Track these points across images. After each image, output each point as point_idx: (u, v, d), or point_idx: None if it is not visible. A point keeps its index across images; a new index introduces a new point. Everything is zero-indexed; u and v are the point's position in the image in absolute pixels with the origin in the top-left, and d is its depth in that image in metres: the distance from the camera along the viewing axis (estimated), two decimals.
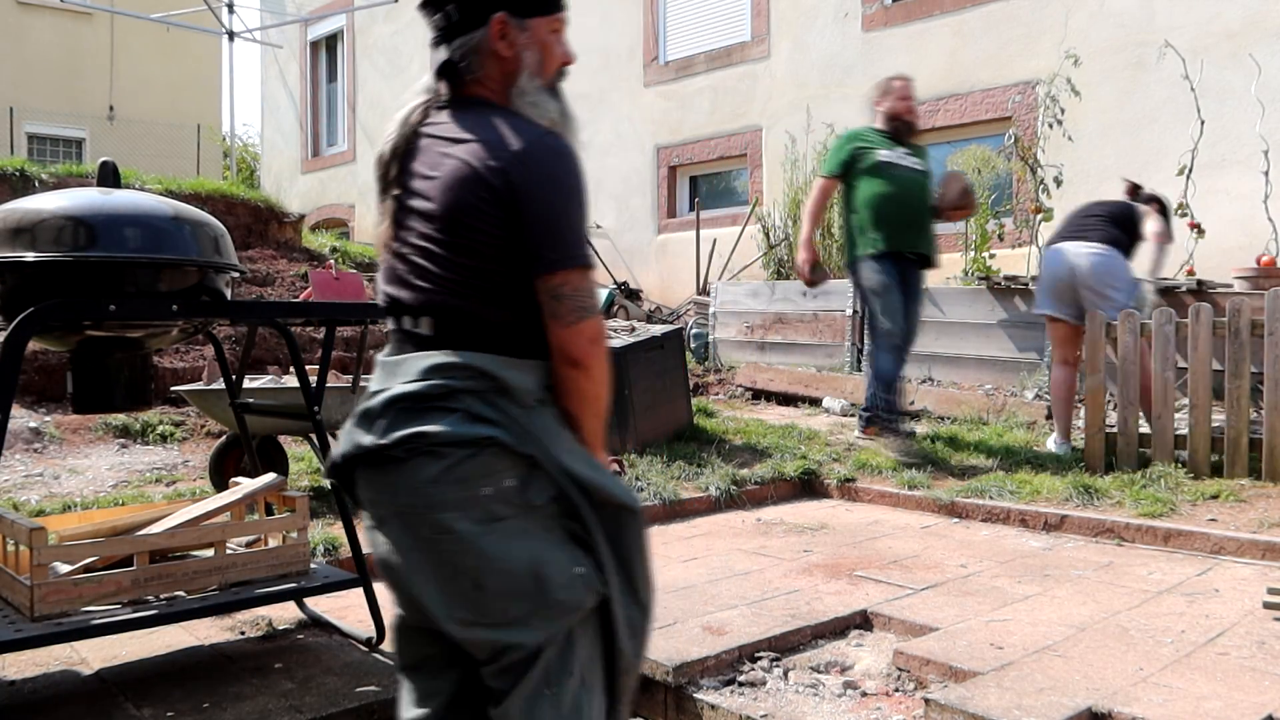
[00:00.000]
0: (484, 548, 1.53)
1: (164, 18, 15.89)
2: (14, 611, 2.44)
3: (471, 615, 1.56)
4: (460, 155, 1.59)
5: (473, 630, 1.56)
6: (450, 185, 1.58)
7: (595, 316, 1.58)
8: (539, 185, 1.55)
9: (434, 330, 1.62)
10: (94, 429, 5.71)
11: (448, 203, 1.58)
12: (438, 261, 1.60)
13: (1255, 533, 3.91)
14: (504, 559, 1.53)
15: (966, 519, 4.65)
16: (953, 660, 2.68)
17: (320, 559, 3.58)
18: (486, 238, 1.56)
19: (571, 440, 1.63)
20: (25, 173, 8.24)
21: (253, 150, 20.20)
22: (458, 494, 1.53)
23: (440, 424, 1.53)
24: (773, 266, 9.25)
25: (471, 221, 1.56)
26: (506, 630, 1.55)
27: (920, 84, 8.60)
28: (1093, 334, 5.05)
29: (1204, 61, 6.90)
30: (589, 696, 1.59)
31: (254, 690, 2.60)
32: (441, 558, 1.55)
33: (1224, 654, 2.72)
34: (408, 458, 1.54)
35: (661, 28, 10.84)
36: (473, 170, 1.56)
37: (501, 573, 1.53)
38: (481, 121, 1.62)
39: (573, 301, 1.56)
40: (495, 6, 1.65)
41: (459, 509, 1.53)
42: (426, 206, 1.60)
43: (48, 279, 2.37)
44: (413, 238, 1.63)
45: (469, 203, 1.56)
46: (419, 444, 1.53)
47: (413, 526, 1.57)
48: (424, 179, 1.62)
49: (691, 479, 5.08)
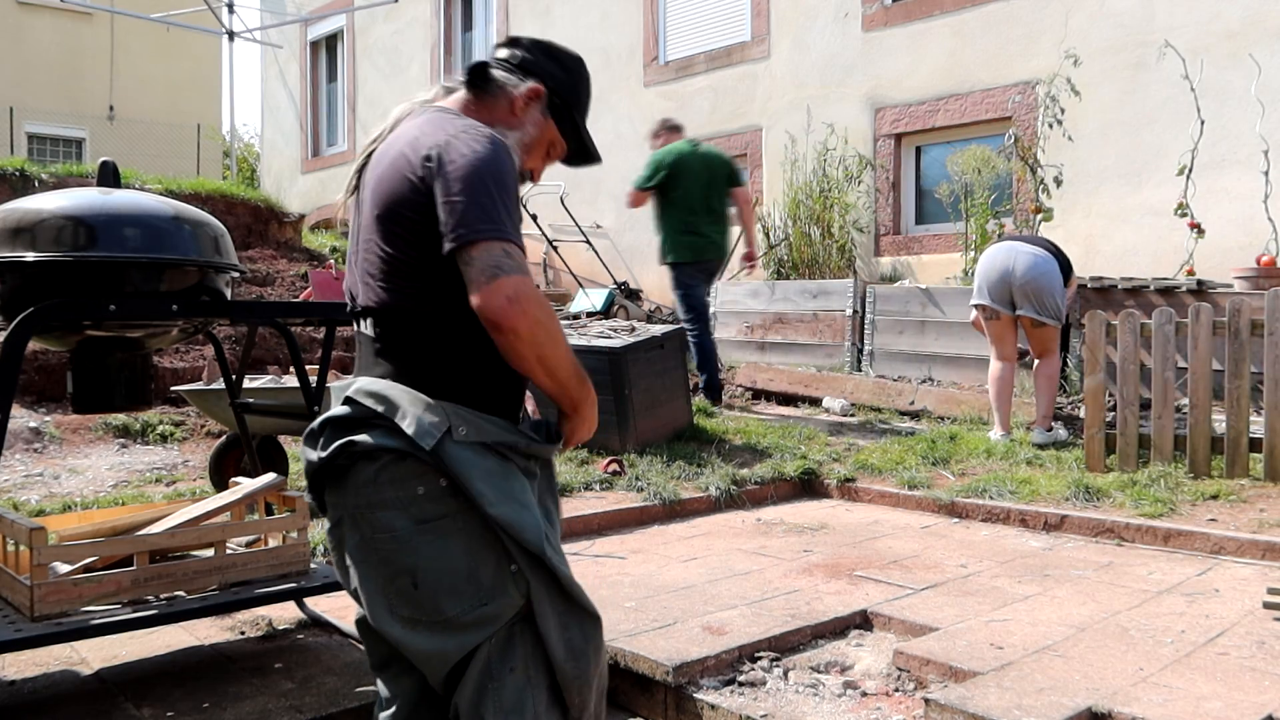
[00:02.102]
0: (419, 545, 1.58)
1: (164, 18, 15.89)
2: (14, 611, 2.44)
3: (410, 612, 1.59)
4: (399, 148, 1.63)
5: (414, 631, 1.59)
6: (385, 177, 1.62)
7: (511, 275, 1.51)
8: (454, 164, 1.55)
9: (375, 331, 1.68)
10: (94, 429, 5.71)
11: (383, 195, 1.61)
12: (376, 258, 1.63)
13: (1255, 533, 3.91)
14: (439, 556, 1.58)
15: (966, 519, 4.65)
16: (953, 660, 2.68)
17: (320, 559, 3.58)
18: (414, 225, 1.58)
19: (489, 472, 1.61)
20: (25, 173, 8.24)
21: (253, 150, 20.20)
22: (394, 493, 1.59)
23: (367, 434, 1.61)
24: (773, 266, 9.25)
25: (402, 211, 1.59)
26: (443, 636, 1.58)
27: (920, 84, 8.64)
28: (1092, 334, 5.05)
29: (1204, 61, 6.90)
30: (534, 693, 1.61)
31: (254, 690, 2.60)
32: (381, 556, 1.61)
33: (1224, 654, 2.72)
34: (350, 464, 1.62)
35: (661, 28, 10.84)
36: (405, 159, 1.60)
37: (437, 570, 1.58)
38: (437, 120, 1.66)
39: (482, 263, 1.51)
40: (545, 81, 1.79)
41: (396, 508, 1.59)
42: (368, 202, 1.66)
43: (48, 279, 2.37)
44: (361, 237, 1.67)
45: (399, 192, 1.59)
46: (353, 450, 1.61)
47: (359, 527, 1.63)
48: (373, 177, 1.67)
49: (691, 479, 5.08)
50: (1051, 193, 7.49)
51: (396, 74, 14.19)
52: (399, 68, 14.16)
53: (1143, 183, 7.28)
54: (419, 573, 1.58)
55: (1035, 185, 7.54)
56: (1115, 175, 7.45)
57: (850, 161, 8.99)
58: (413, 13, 13.91)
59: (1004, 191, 7.94)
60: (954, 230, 8.19)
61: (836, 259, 8.90)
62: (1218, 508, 4.28)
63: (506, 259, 1.52)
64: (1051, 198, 7.47)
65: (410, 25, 13.99)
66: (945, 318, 7.14)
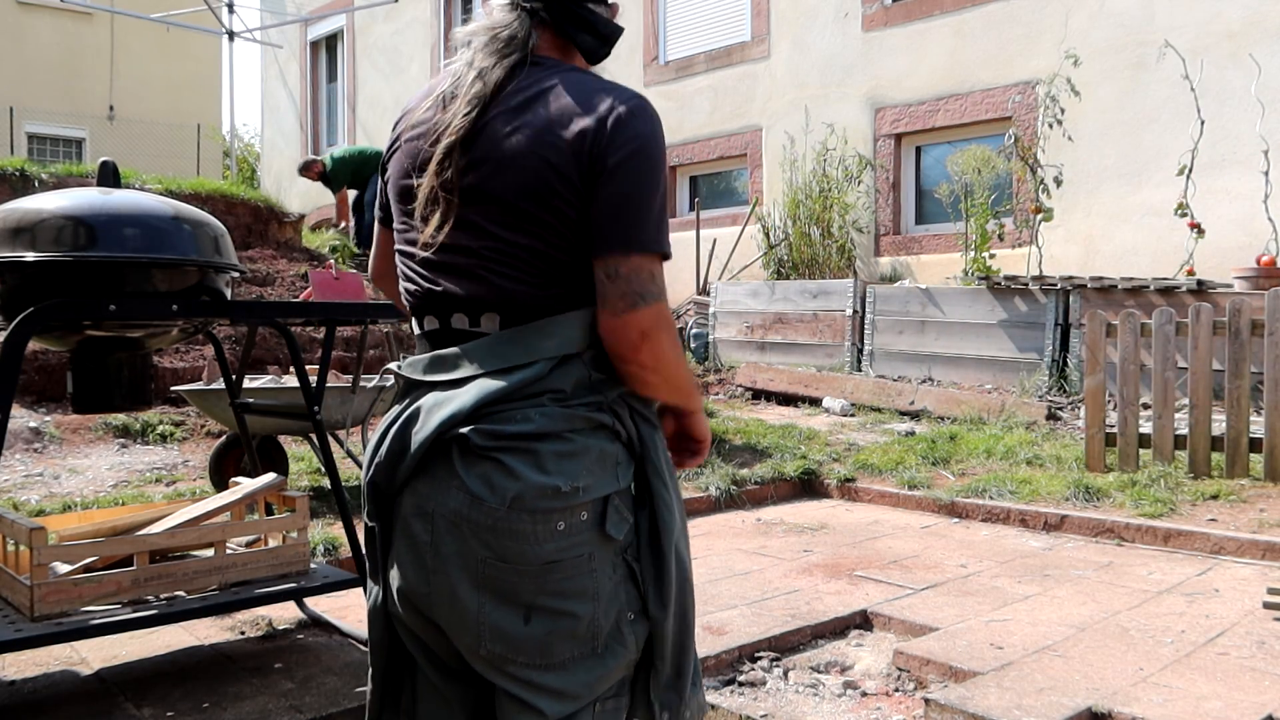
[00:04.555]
0: (545, 579, 1.31)
1: (164, 18, 15.88)
2: (14, 611, 2.44)
3: (506, 652, 1.31)
4: (539, 123, 1.34)
5: (504, 671, 1.33)
6: (521, 153, 1.33)
7: (651, 305, 1.31)
8: (621, 149, 1.31)
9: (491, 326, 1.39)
10: (94, 429, 5.71)
11: (517, 179, 1.33)
12: (503, 249, 1.35)
13: (1255, 533, 3.91)
14: (564, 594, 1.32)
15: (966, 519, 4.64)
16: (953, 660, 2.68)
17: (320, 559, 3.59)
18: (556, 217, 1.33)
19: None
20: (25, 173, 8.24)
21: (253, 150, 20.20)
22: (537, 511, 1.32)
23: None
24: (773, 266, 9.25)
25: (545, 197, 1.33)
26: (539, 694, 1.32)
27: (920, 84, 8.65)
28: (1093, 334, 5.05)
29: (1204, 61, 6.90)
30: None
31: (254, 690, 2.60)
32: (490, 580, 1.32)
33: (1224, 654, 2.72)
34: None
35: (661, 27, 10.84)
36: (549, 136, 1.33)
37: (556, 612, 1.32)
38: (580, 84, 1.37)
39: (626, 285, 1.30)
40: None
41: (531, 529, 1.31)
42: (485, 184, 1.35)
43: (48, 279, 2.37)
44: (473, 220, 1.36)
45: (541, 177, 1.32)
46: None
47: (469, 538, 1.32)
48: (494, 155, 1.35)
49: (691, 479, 5.08)
50: (1051, 193, 7.49)
51: (396, 74, 14.19)
52: (399, 68, 14.17)
53: (1143, 183, 7.29)
54: (534, 610, 1.33)
55: (1035, 185, 7.54)
56: (1115, 175, 7.45)
57: (850, 161, 8.99)
58: (413, 13, 13.91)
59: (1004, 191, 7.95)
60: (954, 230, 8.19)
61: (836, 259, 8.90)
62: (1218, 508, 4.28)
63: (652, 283, 1.32)
64: (1051, 198, 7.46)
65: (410, 25, 14.00)
66: (945, 318, 7.14)
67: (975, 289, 7.06)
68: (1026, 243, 7.53)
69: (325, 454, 2.91)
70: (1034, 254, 7.40)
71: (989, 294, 6.94)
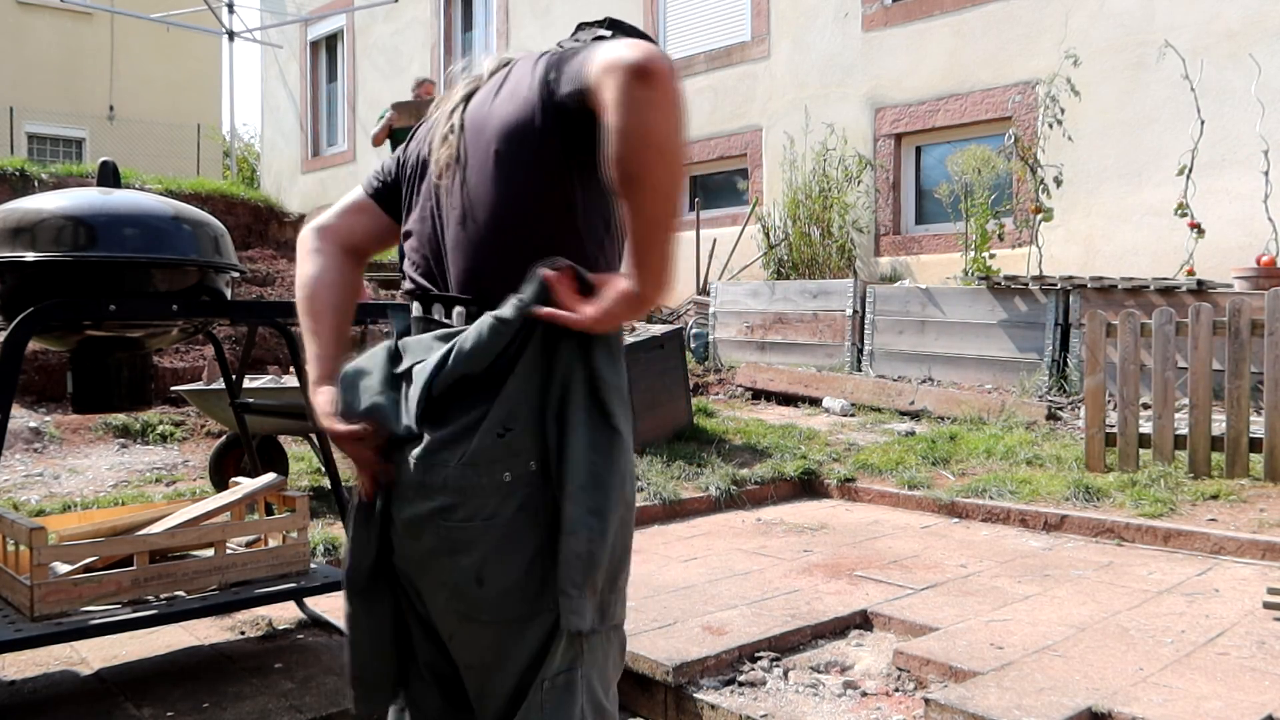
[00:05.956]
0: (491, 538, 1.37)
1: (164, 18, 15.89)
2: (14, 611, 2.44)
3: (467, 610, 1.39)
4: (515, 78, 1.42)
5: (466, 626, 1.40)
6: (506, 112, 1.41)
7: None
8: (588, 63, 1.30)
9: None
10: (94, 429, 5.71)
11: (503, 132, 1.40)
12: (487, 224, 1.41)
13: (1255, 533, 3.91)
14: (509, 551, 1.37)
15: (966, 519, 4.65)
16: (953, 660, 2.68)
17: (320, 559, 3.59)
18: (539, 154, 1.37)
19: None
20: (25, 173, 8.24)
21: (253, 150, 20.20)
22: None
23: None
24: (773, 266, 9.25)
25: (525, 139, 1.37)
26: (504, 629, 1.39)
27: (920, 84, 8.65)
28: (1093, 334, 5.05)
29: (1204, 61, 6.90)
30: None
31: (254, 690, 2.60)
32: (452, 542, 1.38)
33: (1224, 654, 2.72)
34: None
35: (661, 28, 10.84)
36: (524, 89, 1.39)
37: (507, 566, 1.37)
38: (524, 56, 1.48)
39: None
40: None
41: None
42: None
43: (48, 279, 2.37)
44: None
45: (521, 120, 1.38)
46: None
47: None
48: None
49: (691, 479, 5.08)
50: (1051, 193, 7.49)
51: (396, 74, 14.19)
52: (399, 68, 14.16)
53: (1143, 183, 7.29)
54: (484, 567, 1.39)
55: (1035, 185, 7.54)
56: (1115, 175, 7.45)
57: (850, 161, 8.99)
58: (413, 13, 13.91)
59: (1004, 191, 7.95)
60: (954, 230, 8.19)
61: (836, 259, 8.90)
62: (1218, 508, 4.28)
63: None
64: (1051, 198, 7.46)
65: (410, 25, 14.00)
66: (945, 318, 7.14)
67: (975, 289, 7.06)
68: (1026, 243, 7.53)
69: (325, 454, 2.91)
70: (1034, 254, 7.40)
71: (989, 294, 6.94)
